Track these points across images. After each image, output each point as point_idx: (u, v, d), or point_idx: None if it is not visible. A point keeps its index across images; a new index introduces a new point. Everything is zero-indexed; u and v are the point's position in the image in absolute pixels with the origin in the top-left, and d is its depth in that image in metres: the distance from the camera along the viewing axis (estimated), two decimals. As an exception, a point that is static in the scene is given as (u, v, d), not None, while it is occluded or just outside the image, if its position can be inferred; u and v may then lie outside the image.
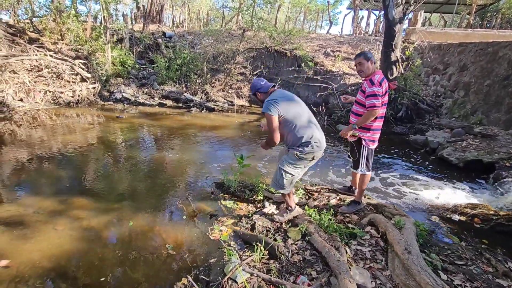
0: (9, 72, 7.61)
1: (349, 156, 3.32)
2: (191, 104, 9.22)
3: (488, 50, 6.73)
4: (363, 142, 2.84)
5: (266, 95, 2.55)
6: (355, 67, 2.86)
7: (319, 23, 22.00)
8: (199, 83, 10.19)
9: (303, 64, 10.30)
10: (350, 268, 2.12)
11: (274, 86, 2.59)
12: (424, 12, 15.06)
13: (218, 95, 10.26)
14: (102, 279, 2.19)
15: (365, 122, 2.73)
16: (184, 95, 9.65)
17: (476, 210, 3.30)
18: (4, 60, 7.44)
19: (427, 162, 5.19)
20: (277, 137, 2.45)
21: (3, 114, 6.86)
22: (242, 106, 10.06)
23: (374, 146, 2.91)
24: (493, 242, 2.74)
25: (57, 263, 2.33)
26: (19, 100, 7.57)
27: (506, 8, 16.85)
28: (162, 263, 2.38)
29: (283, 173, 2.57)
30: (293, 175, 2.58)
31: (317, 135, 2.49)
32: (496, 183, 4.11)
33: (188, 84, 10.29)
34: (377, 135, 2.86)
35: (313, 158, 2.54)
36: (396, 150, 5.76)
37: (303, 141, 2.44)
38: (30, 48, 8.22)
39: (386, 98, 2.75)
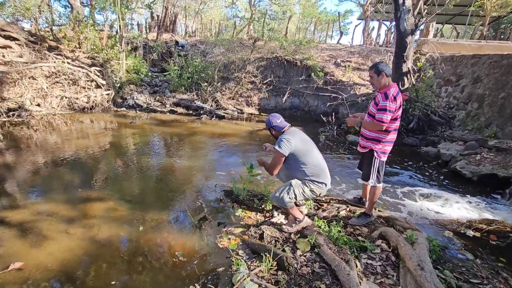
0: (29, 78, 7.91)
1: (359, 168, 3.28)
2: (201, 112, 9.34)
3: (503, 62, 6.62)
4: (375, 153, 2.82)
5: (279, 133, 2.70)
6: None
7: (330, 33, 22.14)
8: (210, 91, 10.34)
9: (313, 73, 10.34)
10: (360, 282, 2.08)
11: (290, 125, 2.75)
12: (436, 23, 15.01)
13: (228, 103, 10.37)
14: (112, 283, 2.21)
15: (369, 128, 2.79)
16: (195, 103, 9.79)
17: (492, 226, 3.20)
18: (25, 66, 7.75)
19: (439, 175, 5.08)
20: (275, 173, 2.69)
21: (21, 118, 7.11)
22: (251, 114, 10.13)
23: (385, 158, 2.87)
24: (511, 260, 2.64)
25: (68, 266, 2.37)
26: (36, 105, 7.83)
27: (521, 20, 16.60)
28: (170, 270, 2.39)
29: (292, 191, 2.60)
30: (296, 199, 2.65)
31: (326, 176, 2.69)
32: (513, 199, 3.98)
33: (199, 92, 10.45)
34: (389, 148, 2.83)
35: (319, 194, 2.74)
36: (407, 161, 5.67)
37: (312, 179, 2.62)
38: (49, 56, 8.54)
39: (400, 111, 2.71)
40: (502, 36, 17.48)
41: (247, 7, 19.00)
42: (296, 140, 2.59)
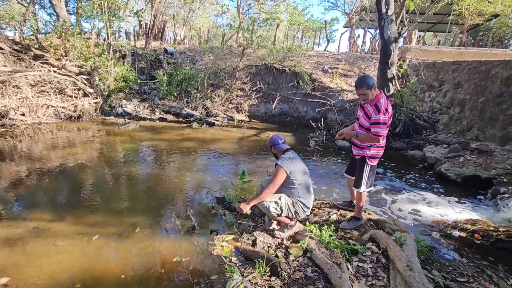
0: (13, 87, 7.72)
1: (347, 173, 3.33)
2: (191, 119, 9.33)
3: (481, 68, 6.94)
4: (366, 159, 2.87)
5: (279, 153, 2.85)
6: (358, 96, 2.73)
7: (317, 40, 22.62)
8: (200, 98, 10.34)
9: (301, 80, 10.53)
10: (352, 285, 2.12)
11: (289, 149, 2.87)
12: (418, 31, 15.59)
13: (218, 110, 10.40)
14: (102, 297, 2.17)
15: (366, 141, 2.78)
16: (185, 110, 9.77)
17: (476, 226, 3.32)
18: (9, 75, 7.57)
19: (425, 178, 5.23)
20: (273, 191, 2.61)
21: (4, 128, 6.91)
22: (241, 121, 10.18)
23: (376, 162, 2.94)
24: (495, 259, 2.74)
25: (57, 280, 2.31)
26: (21, 115, 7.64)
27: (496, 28, 17.48)
28: (163, 279, 2.36)
29: (279, 205, 2.66)
30: (281, 213, 2.70)
31: (311, 202, 2.80)
32: (495, 199, 4.14)
33: (189, 99, 10.45)
34: (380, 153, 2.88)
35: (299, 218, 2.84)
36: (394, 165, 5.82)
37: (301, 200, 2.72)
38: (34, 64, 8.37)
39: (391, 120, 2.76)
40: (480, 43, 18.31)
41: (235, 15, 19.22)
42: (296, 162, 2.71)
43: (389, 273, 2.33)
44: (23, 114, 7.70)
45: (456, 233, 3.23)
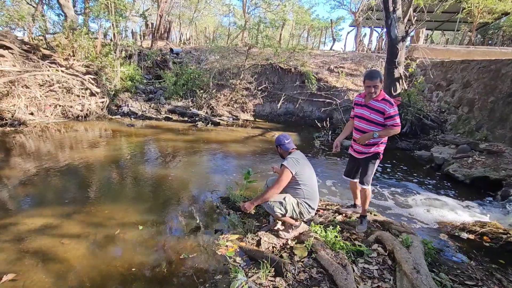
0: (22, 87, 7.85)
1: (347, 175, 3.27)
2: (196, 119, 9.35)
3: (491, 67, 6.80)
4: (380, 156, 2.89)
5: (285, 153, 2.83)
6: (367, 88, 2.71)
7: (323, 39, 22.47)
8: (205, 98, 10.37)
9: (306, 80, 10.47)
10: (357, 287, 2.10)
11: (296, 148, 2.86)
12: (426, 29, 15.38)
13: (224, 110, 10.41)
14: (108, 295, 2.19)
15: (386, 136, 2.81)
16: (190, 110, 9.80)
17: (485, 228, 3.26)
18: (18, 75, 7.69)
19: (433, 179, 5.15)
20: (278, 192, 2.61)
21: (13, 127, 7.03)
22: (246, 120, 10.17)
23: None
24: (504, 262, 2.69)
25: (63, 277, 2.34)
26: (29, 114, 7.76)
27: (507, 26, 17.11)
28: (168, 278, 2.37)
29: (284, 205, 2.63)
30: (286, 213, 2.67)
31: (316, 203, 2.78)
32: (504, 201, 4.06)
33: (194, 98, 10.48)
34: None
35: (304, 218, 2.83)
36: (401, 166, 5.74)
37: (306, 201, 2.71)
38: (42, 64, 8.50)
39: None
40: (489, 42, 17.97)
41: (241, 14, 19.22)
42: (302, 163, 2.68)
43: (395, 276, 2.30)
44: (32, 113, 7.82)
45: (465, 235, 3.18)
